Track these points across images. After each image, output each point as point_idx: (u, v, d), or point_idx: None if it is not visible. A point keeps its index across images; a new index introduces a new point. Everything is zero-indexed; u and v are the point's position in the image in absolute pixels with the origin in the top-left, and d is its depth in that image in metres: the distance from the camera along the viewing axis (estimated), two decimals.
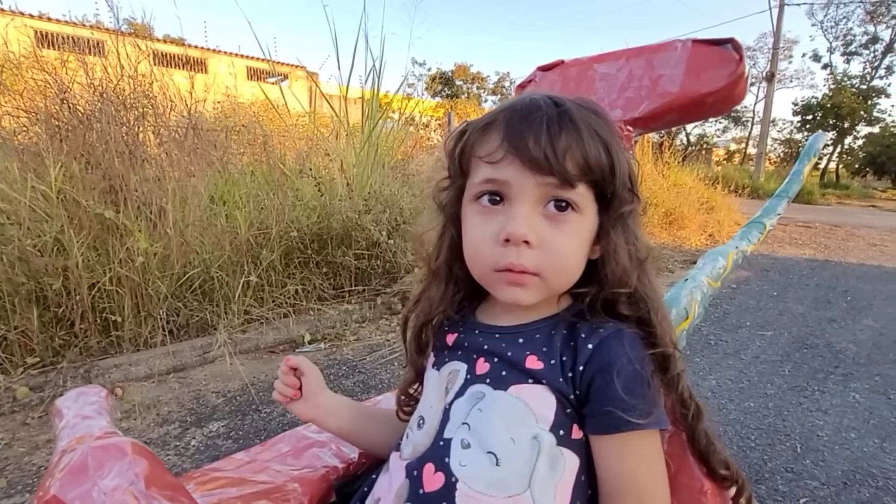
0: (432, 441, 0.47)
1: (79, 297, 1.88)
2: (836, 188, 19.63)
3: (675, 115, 0.91)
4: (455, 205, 0.52)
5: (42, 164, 1.98)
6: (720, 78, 0.83)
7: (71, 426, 0.40)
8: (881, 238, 6.52)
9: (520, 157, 0.44)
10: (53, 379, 1.74)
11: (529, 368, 0.46)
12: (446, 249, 0.53)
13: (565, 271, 0.47)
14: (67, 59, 2.42)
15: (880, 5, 20.68)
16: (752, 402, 1.80)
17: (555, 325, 0.49)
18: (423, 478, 0.45)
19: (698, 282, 0.78)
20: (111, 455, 0.35)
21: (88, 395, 0.45)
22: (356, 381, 1.92)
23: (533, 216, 0.44)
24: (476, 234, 0.47)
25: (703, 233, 5.76)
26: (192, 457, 1.43)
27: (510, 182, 0.45)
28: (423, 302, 0.55)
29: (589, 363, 0.45)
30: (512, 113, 0.46)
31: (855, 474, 1.39)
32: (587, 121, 0.45)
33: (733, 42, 0.83)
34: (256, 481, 0.53)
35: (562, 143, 0.43)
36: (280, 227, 2.48)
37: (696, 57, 0.87)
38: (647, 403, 0.43)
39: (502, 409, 0.45)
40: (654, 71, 0.91)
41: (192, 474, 0.54)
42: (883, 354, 2.30)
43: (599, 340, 0.45)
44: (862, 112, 21.72)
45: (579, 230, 0.46)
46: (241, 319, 2.25)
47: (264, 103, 4.18)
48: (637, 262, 0.47)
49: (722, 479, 0.49)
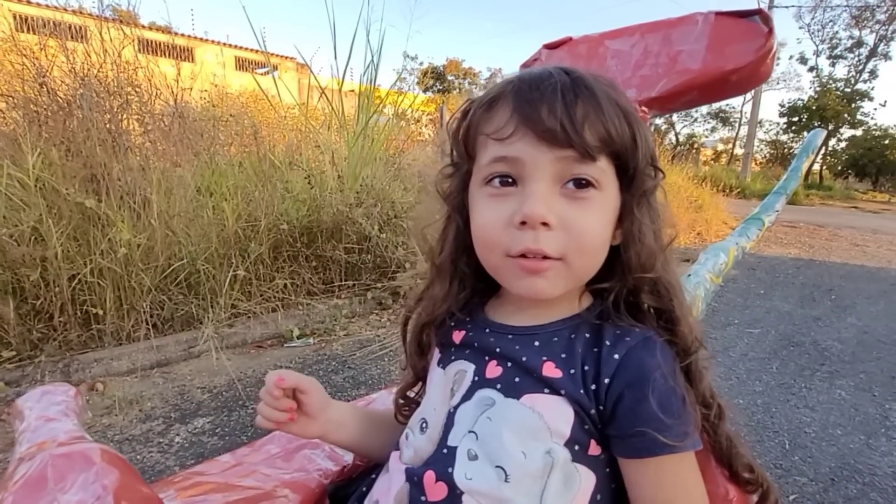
0: (435, 448, 0.44)
1: (58, 289, 1.82)
2: (819, 189, 19.99)
3: (696, 94, 0.84)
4: (461, 193, 0.47)
5: (19, 151, 1.90)
6: (747, 53, 0.76)
7: (32, 429, 0.36)
8: (863, 238, 6.66)
9: (533, 129, 0.39)
10: (31, 373, 1.68)
11: (546, 377, 0.42)
12: (451, 242, 0.48)
13: (591, 254, 0.42)
14: (47, 43, 2.33)
15: (865, 10, 21.07)
16: (741, 400, 1.81)
17: (576, 327, 0.44)
18: (425, 486, 0.42)
19: (701, 277, 0.77)
20: (75, 464, 0.31)
21: (55, 394, 0.40)
22: (346, 376, 1.89)
23: (551, 195, 0.40)
24: (486, 219, 0.42)
25: (692, 231, 5.81)
26: (176, 454, 1.39)
27: (523, 159, 0.40)
28: (426, 300, 0.50)
29: (617, 376, 0.40)
30: (520, 83, 0.41)
31: (842, 471, 1.40)
32: (603, 90, 0.41)
33: (762, 13, 0.77)
34: (243, 486, 0.49)
35: (579, 111, 0.38)
36: (269, 219, 2.43)
37: (719, 31, 0.80)
38: (683, 423, 0.39)
39: (514, 420, 0.41)
40: (672, 47, 0.84)
41: (173, 479, 0.50)
42: (867, 352, 2.34)
43: (627, 350, 0.41)
44: (846, 115, 22.16)
45: (602, 208, 0.41)
46: (228, 313, 2.20)
47: (253, 93, 4.10)
48: (661, 245, 0.44)
49: (745, 483, 0.46)
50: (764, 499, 0.47)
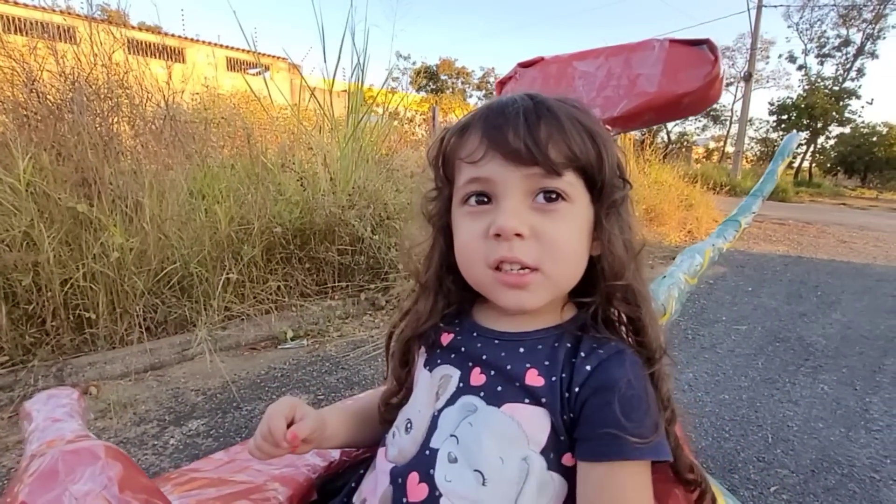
0: (418, 449, 0.46)
1: (50, 294, 1.82)
2: (808, 186, 20.27)
3: (652, 114, 0.92)
4: (444, 215, 0.50)
5: (10, 156, 1.90)
6: (696, 79, 0.83)
7: (41, 430, 0.39)
8: (850, 235, 6.77)
9: (500, 151, 0.43)
10: (24, 378, 1.68)
11: (529, 385, 0.44)
12: (436, 261, 0.51)
13: (566, 263, 0.44)
14: (36, 45, 2.32)
15: (852, 9, 21.35)
16: (727, 395, 1.86)
17: (559, 336, 0.46)
18: (408, 487, 0.44)
19: (676, 279, 0.80)
20: (83, 459, 0.34)
21: (59, 397, 0.44)
22: (340, 377, 1.91)
23: (522, 209, 0.43)
24: (466, 235, 0.46)
25: (683, 229, 5.88)
26: (170, 456, 1.40)
27: (494, 179, 0.43)
28: (411, 316, 0.53)
29: (586, 385, 0.42)
30: (488, 111, 0.45)
31: (822, 462, 1.45)
32: (567, 111, 0.44)
33: (709, 43, 0.84)
34: (236, 481, 0.52)
35: (542, 131, 0.42)
36: (262, 222, 2.44)
37: (672, 57, 0.87)
38: (645, 429, 0.41)
39: (494, 427, 0.43)
40: (632, 70, 0.91)
41: (169, 475, 0.53)
42: (850, 347, 2.40)
43: (599, 362, 0.43)
44: (834, 113, 22.47)
45: (573, 218, 0.44)
46: (222, 316, 2.21)
47: (245, 95, 4.09)
48: (632, 254, 0.46)
49: (686, 483, 0.48)
50: (701, 498, 0.49)
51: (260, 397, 1.74)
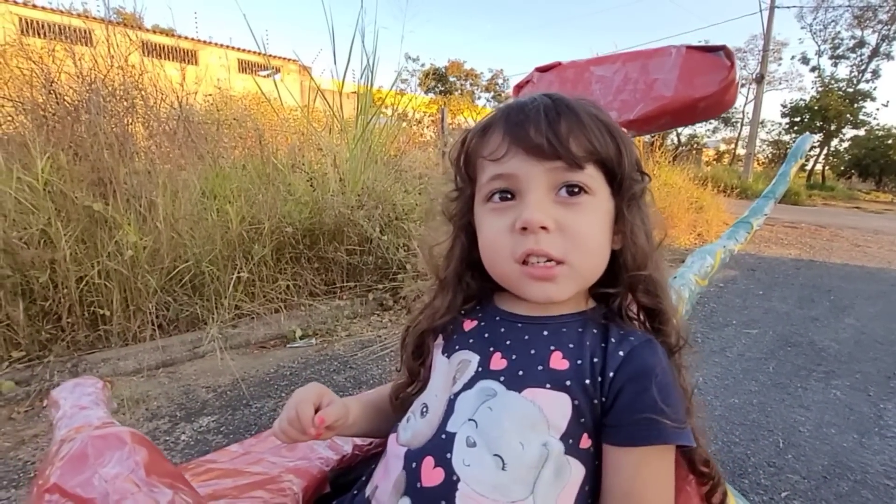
0: (434, 432, 0.46)
1: (66, 291, 1.86)
2: (821, 189, 19.98)
3: (669, 118, 0.93)
4: (466, 214, 0.51)
5: (28, 155, 1.94)
6: (712, 84, 0.85)
7: (69, 416, 0.40)
8: (864, 239, 6.66)
9: (523, 146, 0.44)
10: (40, 373, 1.72)
11: (553, 368, 0.44)
12: (457, 259, 0.52)
13: (591, 255, 0.46)
14: (54, 48, 2.38)
15: (867, 10, 21.03)
16: (737, 399, 1.84)
17: (584, 322, 0.47)
18: (422, 471, 0.44)
19: (686, 279, 0.80)
20: (111, 444, 0.35)
21: (85, 385, 0.45)
22: (347, 376, 1.92)
23: (546, 203, 0.44)
24: (491, 231, 0.47)
25: (693, 232, 5.83)
26: (181, 452, 1.42)
27: (517, 174, 0.44)
28: (428, 310, 0.54)
29: (620, 370, 0.43)
30: (509, 110, 0.47)
31: (834, 468, 1.43)
32: (585, 108, 0.46)
33: (725, 49, 0.86)
34: (251, 472, 0.53)
35: (562, 126, 0.43)
36: (272, 221, 2.47)
37: (689, 63, 0.89)
38: (680, 414, 0.42)
39: (515, 412, 0.43)
40: (648, 75, 0.93)
41: (187, 465, 0.54)
42: (864, 352, 2.36)
43: (631, 348, 0.44)
44: (848, 115, 22.12)
45: (596, 211, 0.45)
46: (232, 314, 2.24)
47: (256, 96, 4.14)
48: (653, 245, 0.48)
49: (700, 476, 0.49)
50: (713, 490, 0.50)
51: (269, 395, 1.76)
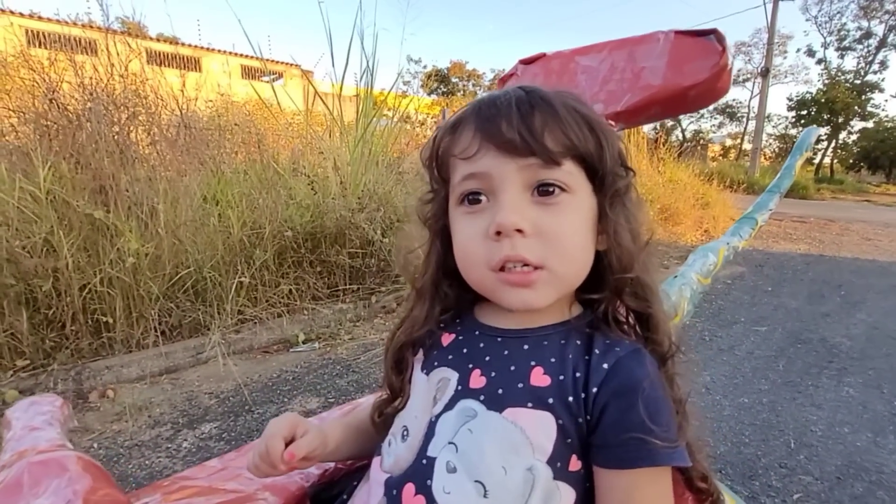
0: (415, 457, 0.44)
1: (69, 299, 1.86)
2: (830, 183, 19.73)
3: (658, 108, 0.89)
4: (441, 217, 0.48)
5: (31, 165, 1.95)
6: (702, 70, 0.80)
7: (17, 438, 0.38)
8: (875, 233, 6.55)
9: (494, 143, 0.41)
10: (44, 381, 1.72)
11: (534, 386, 0.41)
12: (433, 266, 0.49)
13: (571, 258, 0.42)
14: (57, 57, 2.39)
15: (874, 0, 20.75)
16: (747, 398, 1.80)
17: (567, 333, 0.44)
18: (403, 499, 0.42)
19: (688, 279, 0.78)
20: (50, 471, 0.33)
21: (41, 404, 0.43)
22: (350, 380, 1.91)
23: (522, 203, 0.40)
24: (465, 236, 0.43)
25: (699, 229, 5.77)
26: (183, 458, 1.42)
27: (490, 173, 0.41)
28: (407, 322, 0.50)
29: (604, 385, 0.40)
30: (480, 105, 0.43)
31: (848, 469, 1.39)
32: (562, 100, 0.42)
33: (716, 33, 0.81)
34: (226, 490, 0.50)
35: (536, 120, 0.40)
36: (273, 226, 2.47)
37: (678, 49, 0.84)
38: (670, 432, 0.38)
39: (495, 434, 0.40)
40: (635, 63, 0.89)
41: (161, 483, 0.52)
42: (876, 348, 2.31)
43: (616, 360, 0.41)
44: (856, 107, 21.86)
45: (575, 211, 0.42)
46: (235, 319, 2.24)
47: (258, 102, 4.15)
48: (640, 245, 0.44)
49: (697, 492, 0.45)
50: None
51: (272, 400, 1.75)
